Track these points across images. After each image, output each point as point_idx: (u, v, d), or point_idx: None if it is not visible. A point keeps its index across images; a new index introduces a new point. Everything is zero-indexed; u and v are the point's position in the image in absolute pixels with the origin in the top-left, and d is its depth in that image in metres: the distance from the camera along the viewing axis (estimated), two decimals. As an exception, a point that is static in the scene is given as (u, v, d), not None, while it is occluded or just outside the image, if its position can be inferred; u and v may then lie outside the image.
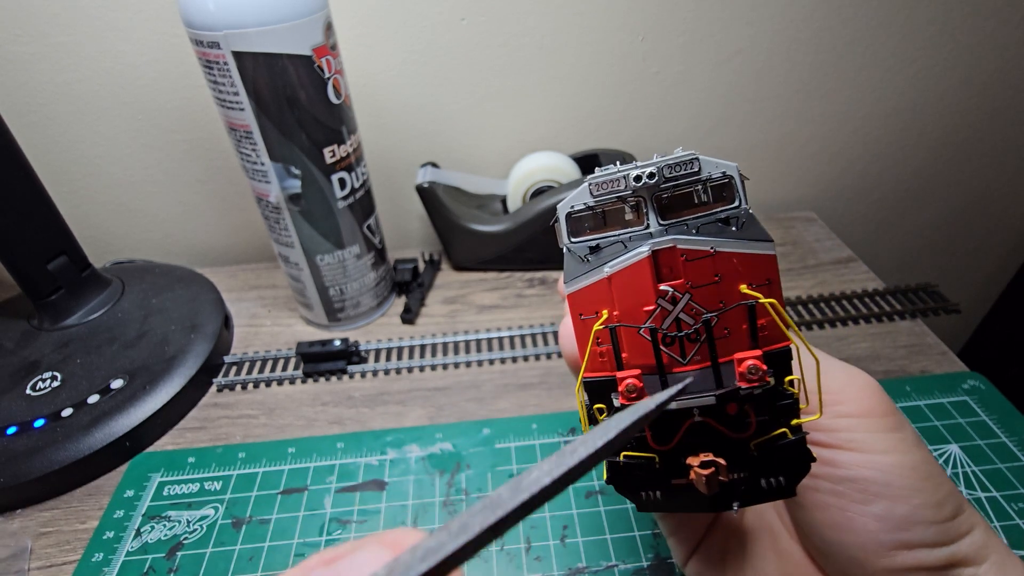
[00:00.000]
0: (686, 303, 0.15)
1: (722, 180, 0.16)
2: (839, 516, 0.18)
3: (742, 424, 0.15)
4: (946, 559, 0.17)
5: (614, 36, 0.50)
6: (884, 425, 0.18)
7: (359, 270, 0.45)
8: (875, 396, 0.18)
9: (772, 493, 0.16)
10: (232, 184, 0.54)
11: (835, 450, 0.18)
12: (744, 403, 0.15)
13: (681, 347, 0.15)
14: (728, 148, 0.57)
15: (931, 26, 0.52)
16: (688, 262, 0.15)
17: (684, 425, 0.15)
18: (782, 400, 0.15)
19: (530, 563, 0.30)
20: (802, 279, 0.50)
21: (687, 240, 0.15)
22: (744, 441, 0.15)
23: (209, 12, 0.32)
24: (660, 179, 0.16)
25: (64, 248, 0.42)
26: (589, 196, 0.17)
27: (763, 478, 0.16)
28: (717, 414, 0.15)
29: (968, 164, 0.62)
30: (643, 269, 0.15)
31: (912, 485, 0.17)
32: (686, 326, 0.15)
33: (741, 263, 0.15)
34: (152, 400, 0.38)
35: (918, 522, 0.17)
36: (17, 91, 0.47)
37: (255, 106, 0.35)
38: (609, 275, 0.15)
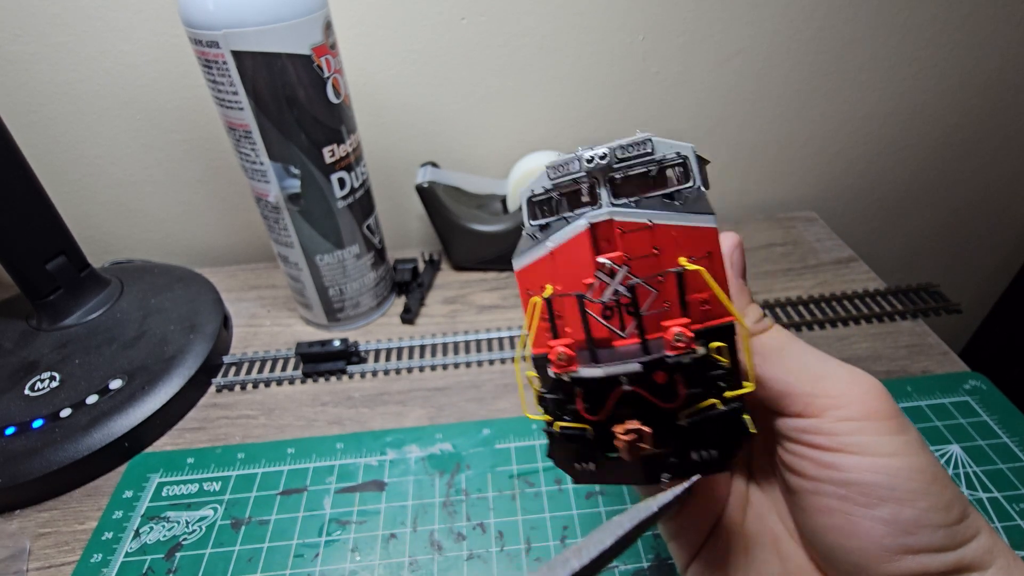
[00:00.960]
0: (624, 275, 0.15)
1: (676, 161, 0.16)
2: (843, 521, 0.17)
3: (672, 394, 0.15)
4: (953, 564, 0.17)
5: (614, 36, 0.49)
6: (888, 428, 0.17)
7: (359, 270, 0.45)
8: (879, 399, 0.18)
9: (703, 466, 0.16)
10: (231, 184, 0.54)
11: (838, 454, 0.17)
12: (672, 372, 0.15)
13: (621, 320, 0.15)
14: (728, 148, 0.57)
15: (931, 26, 0.52)
16: (625, 234, 0.15)
17: (614, 394, 0.15)
18: (713, 371, 0.15)
19: (530, 563, 0.30)
20: (803, 279, 0.50)
21: (624, 213, 0.15)
22: (674, 412, 0.15)
23: (208, 11, 0.32)
24: (612, 159, 0.16)
25: (63, 248, 0.42)
26: (547, 180, 0.17)
27: (694, 451, 0.16)
28: (647, 383, 0.15)
29: (969, 163, 0.62)
30: (582, 242, 0.15)
31: (918, 488, 0.17)
32: (625, 299, 0.15)
33: (680, 236, 0.15)
34: (151, 400, 0.38)
35: (925, 526, 0.17)
36: (17, 91, 0.47)
37: (254, 106, 0.35)
38: (551, 250, 0.15)
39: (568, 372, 0.15)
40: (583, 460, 0.16)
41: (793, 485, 0.19)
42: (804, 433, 0.18)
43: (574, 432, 0.16)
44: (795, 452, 0.18)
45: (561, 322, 0.15)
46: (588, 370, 0.14)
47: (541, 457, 0.36)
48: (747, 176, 0.59)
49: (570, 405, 0.16)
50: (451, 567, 0.31)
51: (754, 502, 0.22)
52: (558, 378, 0.15)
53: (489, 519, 0.33)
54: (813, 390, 0.18)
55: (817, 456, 0.18)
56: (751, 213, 0.61)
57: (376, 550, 0.31)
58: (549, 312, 0.15)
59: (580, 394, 0.15)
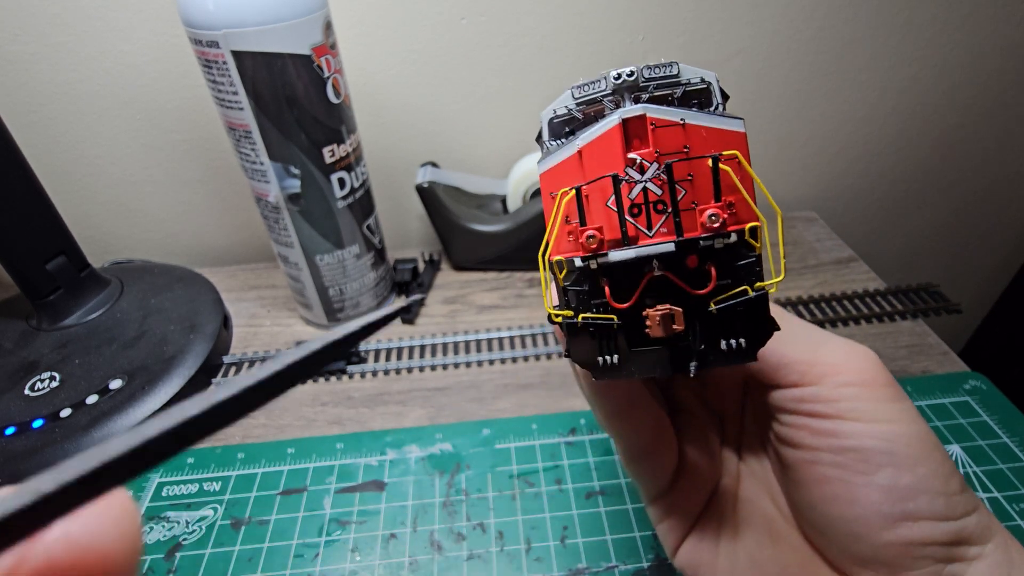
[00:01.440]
0: (655, 173, 0.14)
1: (700, 86, 0.16)
2: (841, 489, 0.17)
3: (703, 280, 0.15)
4: (953, 534, 0.16)
5: (614, 36, 0.49)
6: (886, 395, 0.17)
7: (359, 270, 0.45)
8: (876, 367, 0.18)
9: (732, 356, 0.15)
10: (231, 184, 0.54)
11: (837, 420, 0.17)
12: (704, 256, 0.15)
13: (648, 219, 0.14)
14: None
15: (931, 26, 0.52)
16: (657, 129, 0.14)
17: (644, 279, 0.15)
18: (744, 259, 0.15)
19: (530, 564, 0.30)
20: (803, 279, 0.50)
21: (657, 110, 0.15)
22: (705, 299, 0.15)
23: (208, 11, 0.32)
24: (640, 77, 0.16)
25: (63, 248, 0.42)
26: (571, 100, 0.17)
27: (723, 339, 0.15)
28: (677, 268, 0.15)
29: (969, 163, 0.62)
30: (613, 138, 0.15)
31: (918, 455, 0.17)
32: (654, 197, 0.14)
33: (710, 136, 0.15)
34: (151, 400, 0.38)
35: (924, 492, 0.16)
36: (16, 91, 0.47)
37: (254, 106, 0.35)
38: (580, 148, 0.15)
39: (597, 256, 0.14)
40: (606, 352, 0.16)
41: (789, 459, 0.19)
42: (802, 402, 0.18)
43: (600, 322, 0.15)
44: (792, 424, 0.18)
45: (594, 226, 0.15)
46: (619, 253, 0.14)
47: (541, 457, 0.36)
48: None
49: (595, 299, 0.15)
50: (451, 567, 0.31)
51: (745, 485, 0.21)
52: (585, 267, 0.15)
53: (489, 519, 0.33)
54: (810, 358, 0.18)
55: (815, 424, 0.18)
56: (751, 213, 0.60)
57: (376, 550, 0.31)
58: (579, 204, 0.15)
59: (607, 283, 0.15)
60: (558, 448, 0.36)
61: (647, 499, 0.22)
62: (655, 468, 0.21)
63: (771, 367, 0.18)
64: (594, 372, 0.16)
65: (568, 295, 0.16)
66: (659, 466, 0.20)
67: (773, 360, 0.18)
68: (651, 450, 0.20)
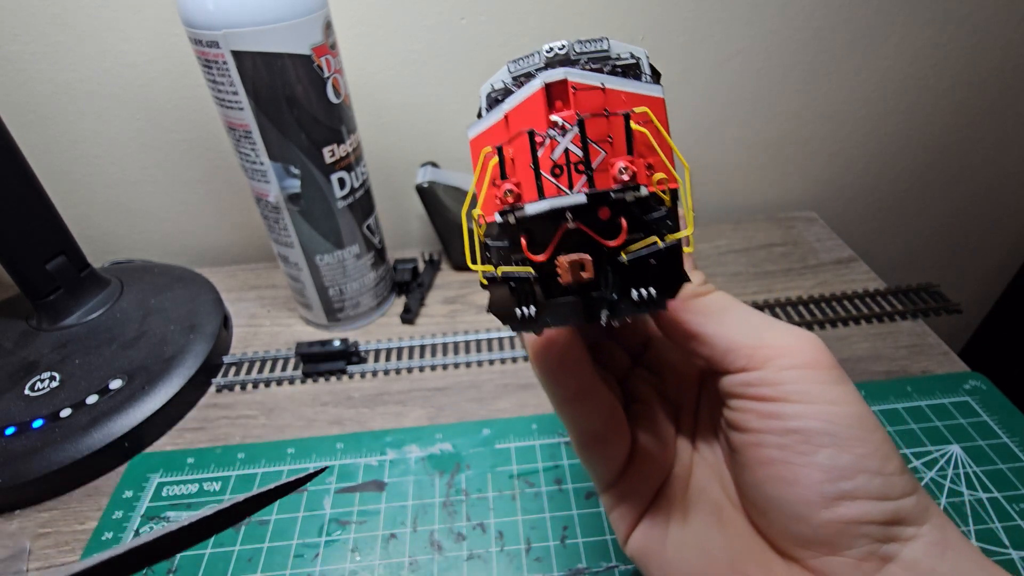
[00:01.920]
0: (575, 134, 0.15)
1: (630, 60, 0.16)
2: (783, 470, 0.17)
3: (615, 231, 0.15)
4: (890, 514, 0.17)
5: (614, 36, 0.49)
6: (829, 377, 0.18)
7: (359, 270, 0.45)
8: (818, 350, 0.18)
9: (642, 305, 0.16)
10: (231, 184, 0.54)
11: (781, 403, 0.17)
12: (616, 209, 0.15)
13: (569, 179, 0.15)
14: (728, 147, 0.57)
15: (931, 26, 0.52)
16: (578, 92, 0.15)
17: (559, 232, 0.15)
18: (655, 212, 0.15)
19: (530, 564, 0.30)
20: (803, 279, 0.50)
21: (578, 74, 0.15)
22: (617, 251, 0.15)
23: (208, 11, 0.32)
24: (571, 51, 0.16)
25: (63, 248, 0.42)
26: (507, 74, 0.17)
27: (634, 288, 0.16)
28: (592, 221, 0.15)
29: (969, 163, 0.62)
30: (536, 101, 0.15)
31: (857, 435, 0.17)
32: (575, 157, 0.15)
33: (630, 100, 0.15)
34: (151, 400, 0.38)
35: (862, 471, 0.17)
36: (16, 91, 0.47)
37: (254, 105, 0.35)
38: (506, 112, 0.16)
39: (514, 210, 0.15)
40: (524, 304, 0.16)
41: (736, 443, 0.19)
42: (748, 386, 0.18)
43: (517, 276, 0.16)
44: (739, 408, 0.19)
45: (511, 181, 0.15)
46: (533, 205, 0.15)
47: (541, 457, 0.36)
48: (747, 176, 0.59)
49: (514, 255, 0.16)
50: (451, 567, 0.31)
51: (697, 473, 0.22)
52: (504, 222, 0.15)
53: (489, 519, 0.33)
54: (756, 342, 0.18)
55: (761, 407, 0.18)
56: (751, 213, 0.61)
57: (376, 550, 0.31)
58: (500, 164, 0.15)
59: (525, 237, 0.16)
60: (558, 448, 0.36)
61: (600, 487, 0.22)
62: (606, 455, 0.21)
63: (720, 353, 0.19)
64: (512, 324, 0.16)
65: (489, 251, 0.16)
66: (610, 453, 0.21)
67: (722, 345, 0.18)
68: (602, 437, 0.21)
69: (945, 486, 0.32)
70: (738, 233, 0.56)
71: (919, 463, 0.34)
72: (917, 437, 0.35)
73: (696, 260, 0.53)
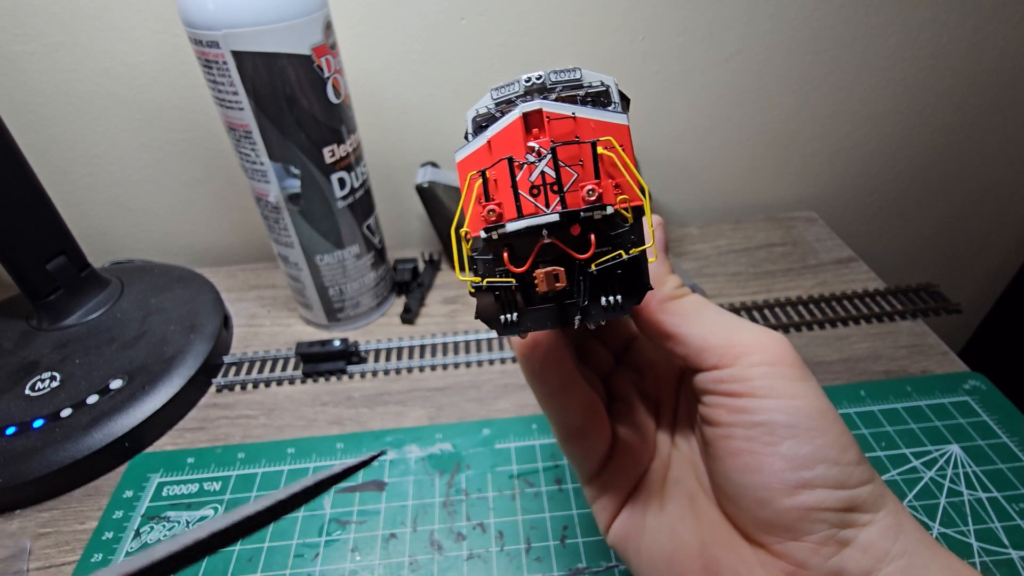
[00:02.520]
0: (549, 158, 0.17)
1: (600, 88, 0.19)
2: (750, 459, 0.19)
3: (585, 246, 0.17)
4: (846, 501, 0.18)
5: (614, 35, 0.49)
6: (793, 374, 0.19)
7: (359, 270, 0.45)
8: (784, 348, 0.20)
9: (610, 310, 0.18)
10: (231, 184, 0.54)
11: (749, 398, 0.19)
12: (585, 226, 0.17)
13: (546, 198, 0.17)
14: (728, 147, 0.57)
15: (930, 26, 0.52)
16: (551, 121, 0.17)
17: (536, 246, 0.17)
18: (619, 229, 0.17)
19: (530, 563, 0.30)
20: (803, 279, 0.50)
21: (551, 105, 0.17)
22: (588, 263, 0.17)
23: (208, 11, 0.32)
24: (547, 80, 0.19)
25: (63, 248, 0.42)
26: (491, 100, 0.19)
27: (603, 296, 0.18)
28: (563, 236, 0.17)
29: (968, 163, 0.62)
30: (515, 129, 0.17)
31: (817, 427, 0.18)
32: (550, 179, 0.17)
33: (598, 128, 0.17)
34: (151, 400, 0.38)
35: (821, 461, 0.18)
36: (16, 91, 0.47)
37: (254, 106, 0.35)
38: (488, 139, 0.18)
39: (496, 228, 0.17)
40: (507, 311, 0.18)
41: (708, 436, 0.20)
42: (720, 383, 0.19)
43: (500, 284, 0.18)
44: (712, 403, 0.20)
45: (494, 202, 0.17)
46: (513, 223, 0.17)
47: (541, 457, 0.36)
48: (747, 176, 0.59)
49: (498, 267, 0.18)
50: (451, 567, 0.31)
51: (674, 465, 0.23)
52: (488, 237, 0.17)
53: (489, 519, 0.33)
54: (727, 341, 0.20)
55: (730, 403, 0.19)
56: (751, 213, 0.61)
57: (376, 550, 0.31)
58: (484, 187, 0.17)
59: (507, 251, 0.18)
60: (558, 448, 0.36)
61: (582, 479, 0.24)
62: (587, 448, 0.22)
63: (694, 351, 0.20)
64: (497, 329, 0.18)
65: (476, 263, 0.18)
66: (591, 446, 0.22)
67: (696, 344, 0.20)
68: (583, 430, 0.22)
69: (945, 486, 0.32)
70: (738, 233, 0.56)
71: (919, 463, 0.34)
72: (917, 437, 0.35)
73: (696, 260, 0.53)
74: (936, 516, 0.31)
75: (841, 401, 0.37)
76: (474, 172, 0.18)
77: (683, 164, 0.58)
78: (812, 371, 0.20)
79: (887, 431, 0.35)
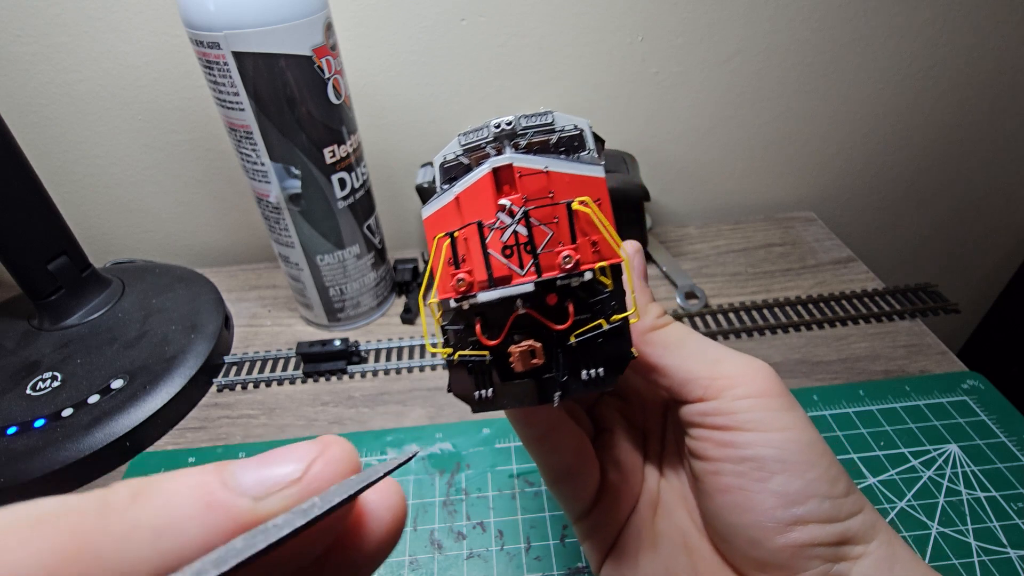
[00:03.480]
0: (522, 216, 0.16)
1: (574, 132, 0.18)
2: (740, 497, 0.18)
3: (562, 316, 0.16)
4: (839, 535, 0.18)
5: (613, 37, 0.50)
6: (779, 404, 0.19)
7: (359, 270, 0.45)
8: (769, 379, 0.19)
9: (592, 384, 0.17)
10: (232, 184, 0.54)
11: (736, 432, 0.18)
12: (562, 295, 0.16)
13: (519, 259, 0.16)
14: (727, 148, 0.57)
15: (929, 26, 0.52)
16: (523, 177, 0.16)
17: (511, 318, 0.16)
18: (599, 295, 0.16)
19: (530, 562, 0.30)
20: (801, 279, 0.50)
21: (523, 159, 0.16)
22: (566, 333, 0.16)
23: (209, 12, 0.32)
24: (517, 126, 0.18)
25: (64, 248, 0.42)
26: (458, 146, 0.18)
27: (584, 369, 0.16)
28: (539, 306, 0.16)
29: (967, 163, 0.62)
30: (485, 185, 0.16)
31: (807, 460, 0.18)
32: (523, 239, 0.16)
33: (572, 183, 0.16)
34: (152, 400, 0.38)
35: (812, 496, 0.18)
36: (18, 91, 0.47)
37: (255, 106, 0.35)
38: (457, 195, 0.17)
39: (467, 298, 0.16)
40: (482, 387, 0.17)
41: (697, 470, 0.20)
42: (706, 416, 0.19)
43: (473, 359, 0.17)
44: (698, 437, 0.19)
45: (465, 265, 0.16)
46: (486, 294, 0.16)
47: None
48: (746, 176, 0.59)
49: (470, 337, 0.17)
50: (451, 566, 0.31)
51: (664, 500, 0.22)
52: (458, 308, 0.16)
53: (489, 518, 0.33)
54: (711, 373, 0.19)
55: (717, 436, 0.19)
56: (750, 213, 0.61)
57: (377, 549, 0.32)
58: (453, 250, 0.16)
59: (479, 322, 0.16)
60: (558, 447, 0.36)
61: (571, 518, 0.23)
62: (576, 490, 0.22)
63: (678, 383, 0.19)
64: (472, 405, 0.17)
65: (446, 334, 0.17)
66: (580, 488, 0.22)
67: (680, 376, 0.19)
68: (572, 472, 0.21)
69: (943, 485, 0.33)
70: (737, 233, 0.56)
71: (917, 462, 0.34)
72: (915, 436, 0.35)
73: (695, 260, 0.53)
74: (935, 516, 0.31)
75: (840, 401, 0.37)
76: (441, 234, 0.16)
77: (682, 164, 0.58)
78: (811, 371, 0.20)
79: (886, 431, 0.36)
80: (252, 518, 0.09)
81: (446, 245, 0.16)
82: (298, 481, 0.10)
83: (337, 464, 0.11)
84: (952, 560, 0.29)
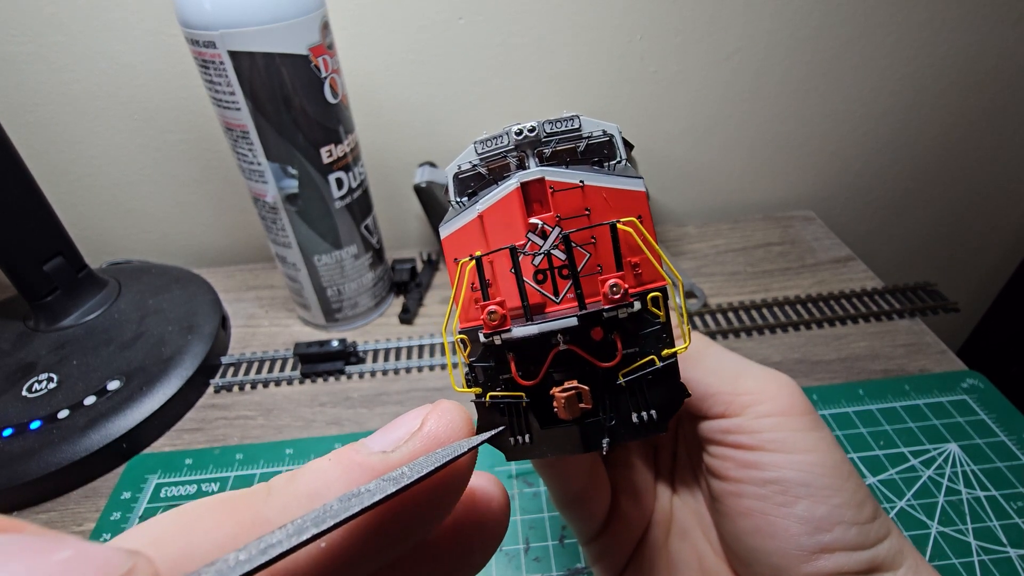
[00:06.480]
0: (557, 236, 0.14)
1: (603, 138, 0.16)
2: (762, 522, 0.17)
3: (610, 352, 0.14)
4: (867, 563, 0.17)
5: (612, 35, 0.49)
6: (804, 424, 0.18)
7: (357, 270, 0.45)
8: (793, 395, 0.18)
9: (643, 429, 0.15)
10: (229, 184, 0.54)
11: (759, 452, 0.17)
12: (609, 327, 0.14)
13: (554, 285, 0.14)
14: (726, 147, 0.57)
15: (928, 25, 0.52)
16: (556, 193, 0.14)
17: (550, 355, 0.14)
18: (649, 327, 0.15)
19: (529, 563, 0.30)
20: (801, 278, 0.50)
21: (556, 172, 0.14)
22: (613, 371, 0.15)
23: (205, 11, 0.32)
24: (541, 132, 0.16)
25: (60, 249, 0.42)
26: (475, 155, 0.16)
27: (634, 412, 0.15)
28: (583, 341, 0.14)
29: (966, 162, 0.62)
30: (512, 202, 0.14)
31: (832, 484, 0.17)
32: (558, 262, 0.14)
33: (610, 198, 0.15)
34: (149, 401, 0.38)
35: (839, 522, 0.17)
36: (13, 91, 0.47)
37: (251, 106, 0.35)
38: (480, 212, 0.15)
39: (500, 332, 0.14)
40: (518, 432, 0.15)
41: (716, 491, 0.19)
42: (727, 434, 0.18)
43: (507, 401, 0.15)
44: (718, 455, 0.19)
45: (492, 290, 0.15)
46: (522, 329, 0.14)
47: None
48: (744, 175, 0.59)
49: (503, 374, 0.15)
50: (450, 567, 0.30)
51: (678, 519, 0.22)
52: (489, 343, 0.14)
53: (488, 519, 0.33)
54: (733, 388, 0.18)
55: (739, 456, 0.18)
56: (749, 212, 0.61)
57: (375, 550, 0.31)
58: (480, 275, 0.15)
59: (513, 359, 0.15)
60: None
61: (581, 540, 0.22)
62: (587, 513, 0.21)
63: (698, 398, 0.19)
64: (506, 453, 0.16)
65: (475, 371, 0.15)
66: (591, 511, 0.21)
67: (700, 391, 0.19)
68: (583, 496, 0.20)
69: (943, 484, 0.33)
70: (736, 232, 0.56)
71: (917, 461, 0.34)
72: (915, 436, 0.35)
73: (694, 259, 0.53)
74: (934, 515, 0.31)
75: (839, 400, 0.37)
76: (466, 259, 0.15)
77: (681, 164, 0.58)
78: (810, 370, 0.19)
79: (885, 430, 0.36)
80: (385, 467, 0.11)
81: (470, 268, 0.15)
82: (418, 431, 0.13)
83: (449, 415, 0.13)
84: (952, 559, 0.29)
